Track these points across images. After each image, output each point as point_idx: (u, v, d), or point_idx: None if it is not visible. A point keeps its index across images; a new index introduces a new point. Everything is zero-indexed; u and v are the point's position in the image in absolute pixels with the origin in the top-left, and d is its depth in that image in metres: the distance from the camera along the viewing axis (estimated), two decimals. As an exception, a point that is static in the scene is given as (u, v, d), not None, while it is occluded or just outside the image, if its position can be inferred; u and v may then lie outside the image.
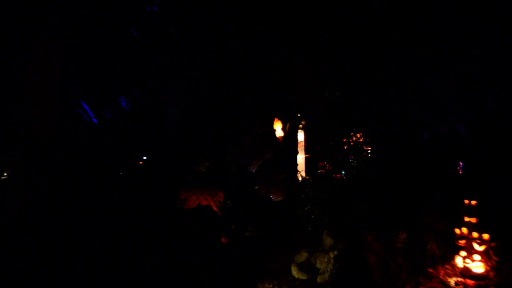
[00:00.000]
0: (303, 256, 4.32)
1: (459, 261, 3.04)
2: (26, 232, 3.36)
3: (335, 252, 3.80)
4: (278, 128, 7.91)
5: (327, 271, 3.72)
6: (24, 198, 3.28)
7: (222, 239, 3.65)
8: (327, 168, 4.90)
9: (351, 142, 4.98)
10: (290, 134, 8.65)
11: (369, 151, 5.10)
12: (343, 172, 5.34)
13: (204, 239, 3.41)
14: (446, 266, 3.12)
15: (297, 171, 7.70)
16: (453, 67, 6.42)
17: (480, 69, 6.19)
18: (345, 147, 5.00)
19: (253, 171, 9.62)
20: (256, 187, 7.63)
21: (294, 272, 4.10)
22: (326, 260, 3.89)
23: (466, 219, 3.13)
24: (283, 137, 8.03)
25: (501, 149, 5.55)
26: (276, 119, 7.93)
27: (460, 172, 6.08)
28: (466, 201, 3.22)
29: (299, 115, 9.15)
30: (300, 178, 6.35)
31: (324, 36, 6.87)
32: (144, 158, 9.45)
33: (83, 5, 6.65)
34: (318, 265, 4.01)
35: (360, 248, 3.64)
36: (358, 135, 5.14)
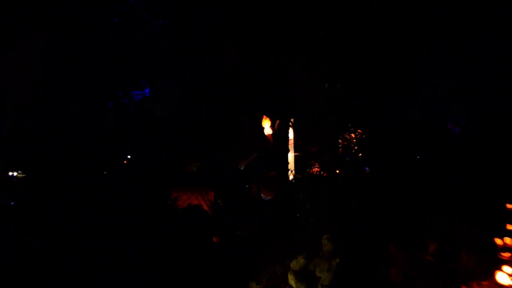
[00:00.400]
0: (300, 263, 4.01)
1: (501, 278, 2.56)
2: (26, 232, 3.37)
3: (337, 260, 3.55)
4: (267, 126, 7.80)
5: (332, 284, 3.42)
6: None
7: (214, 238, 3.66)
8: (317, 168, 4.89)
9: (354, 139, 4.98)
10: (282, 132, 8.55)
11: (368, 150, 5.10)
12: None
13: (202, 239, 3.42)
14: (484, 283, 2.68)
15: (288, 170, 7.66)
16: (452, 67, 6.43)
17: (479, 69, 6.19)
18: (346, 143, 5.00)
19: (241, 169, 9.55)
20: (247, 186, 7.59)
21: (292, 281, 3.78)
22: (327, 268, 3.62)
23: (509, 227, 2.70)
24: (273, 135, 7.93)
25: (501, 148, 5.54)
26: (264, 116, 7.83)
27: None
28: (510, 206, 2.79)
29: (291, 111, 8.98)
30: (291, 177, 6.29)
31: (324, 36, 6.87)
32: (128, 157, 9.30)
33: (75, 5, 6.69)
34: (318, 273, 3.71)
35: (372, 258, 3.37)
36: (360, 131, 5.13)
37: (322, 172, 4.93)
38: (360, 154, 5.02)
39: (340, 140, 5.22)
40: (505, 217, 2.79)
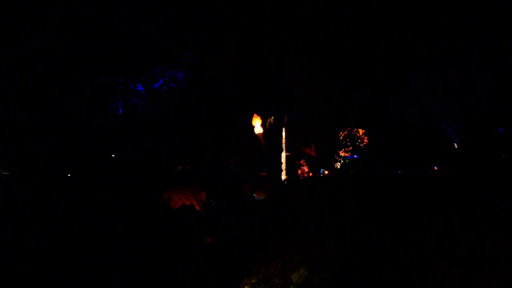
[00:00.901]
0: (302, 275, 3.70)
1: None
2: (26, 232, 3.36)
3: (344, 270, 3.34)
4: (257, 125, 7.64)
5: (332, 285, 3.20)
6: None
7: (207, 238, 3.66)
8: (306, 170, 4.90)
9: (358, 140, 4.99)
10: (275, 131, 8.47)
11: (368, 150, 5.11)
12: (321, 171, 5.33)
13: (202, 239, 3.42)
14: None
15: (281, 170, 7.62)
16: (453, 67, 6.42)
17: (479, 69, 6.19)
18: (350, 144, 5.01)
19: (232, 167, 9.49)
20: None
21: None
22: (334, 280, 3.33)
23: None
24: (266, 134, 7.83)
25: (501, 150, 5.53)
26: (255, 114, 7.71)
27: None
28: None
29: (289, 111, 8.88)
30: (283, 177, 6.24)
31: (324, 36, 6.87)
32: (113, 155, 9.12)
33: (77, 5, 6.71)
34: None
35: (372, 258, 3.23)
36: (361, 131, 5.14)
37: (311, 174, 4.94)
38: (364, 149, 5.03)
39: (348, 139, 5.23)
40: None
